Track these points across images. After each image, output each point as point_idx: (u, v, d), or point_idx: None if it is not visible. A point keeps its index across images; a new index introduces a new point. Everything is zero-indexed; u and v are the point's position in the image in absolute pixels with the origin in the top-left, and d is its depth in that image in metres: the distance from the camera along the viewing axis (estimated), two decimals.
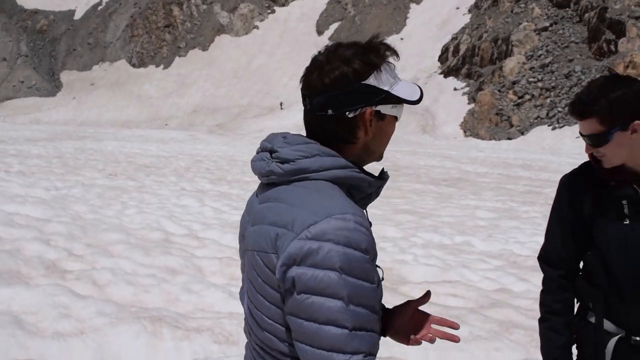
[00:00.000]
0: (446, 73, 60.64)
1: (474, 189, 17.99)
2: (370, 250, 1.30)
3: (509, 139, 46.43)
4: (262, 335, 1.44)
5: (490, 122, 49.36)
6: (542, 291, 2.39)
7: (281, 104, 64.78)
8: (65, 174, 16.32)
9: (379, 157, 1.53)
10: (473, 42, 59.73)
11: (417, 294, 6.56)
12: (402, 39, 70.88)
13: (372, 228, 1.38)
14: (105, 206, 10.97)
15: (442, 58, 64.25)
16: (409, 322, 1.59)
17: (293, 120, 57.08)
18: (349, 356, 1.26)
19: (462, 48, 60.99)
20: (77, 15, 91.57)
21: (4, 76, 76.55)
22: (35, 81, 77.94)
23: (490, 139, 47.09)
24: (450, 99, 54.27)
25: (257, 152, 1.51)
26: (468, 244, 9.58)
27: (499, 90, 50.86)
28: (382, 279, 1.50)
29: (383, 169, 1.56)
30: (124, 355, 4.42)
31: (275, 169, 1.40)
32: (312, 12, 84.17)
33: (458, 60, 60.29)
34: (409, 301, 1.63)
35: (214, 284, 6.42)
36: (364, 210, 1.49)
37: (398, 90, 1.43)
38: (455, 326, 1.55)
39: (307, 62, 1.45)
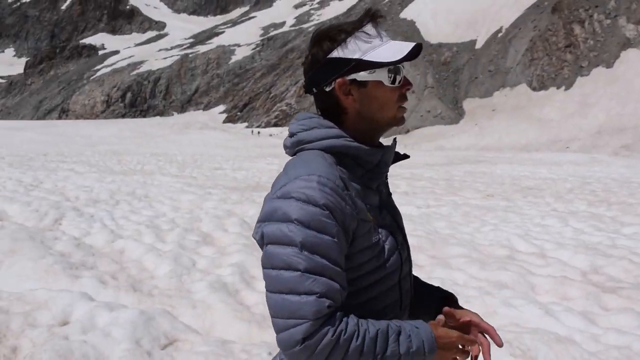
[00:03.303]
0: None
1: None
2: (331, 207, 1.38)
3: None
4: None
5: None
6: None
7: None
8: (444, 194, 17.36)
9: (388, 123, 1.56)
10: None
11: None
12: None
13: None
14: (465, 223, 11.40)
15: None
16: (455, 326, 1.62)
17: None
18: (302, 296, 1.33)
19: None
20: (478, 45, 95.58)
21: (412, 107, 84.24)
22: (440, 110, 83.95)
23: None
24: None
25: None
26: None
27: None
28: (398, 247, 1.55)
29: (395, 138, 1.62)
30: None
31: (287, 143, 1.61)
32: None
33: None
34: (467, 316, 1.63)
35: (537, 301, 6.22)
36: (384, 180, 1.64)
37: (373, 55, 1.49)
38: (498, 342, 1.54)
39: None
